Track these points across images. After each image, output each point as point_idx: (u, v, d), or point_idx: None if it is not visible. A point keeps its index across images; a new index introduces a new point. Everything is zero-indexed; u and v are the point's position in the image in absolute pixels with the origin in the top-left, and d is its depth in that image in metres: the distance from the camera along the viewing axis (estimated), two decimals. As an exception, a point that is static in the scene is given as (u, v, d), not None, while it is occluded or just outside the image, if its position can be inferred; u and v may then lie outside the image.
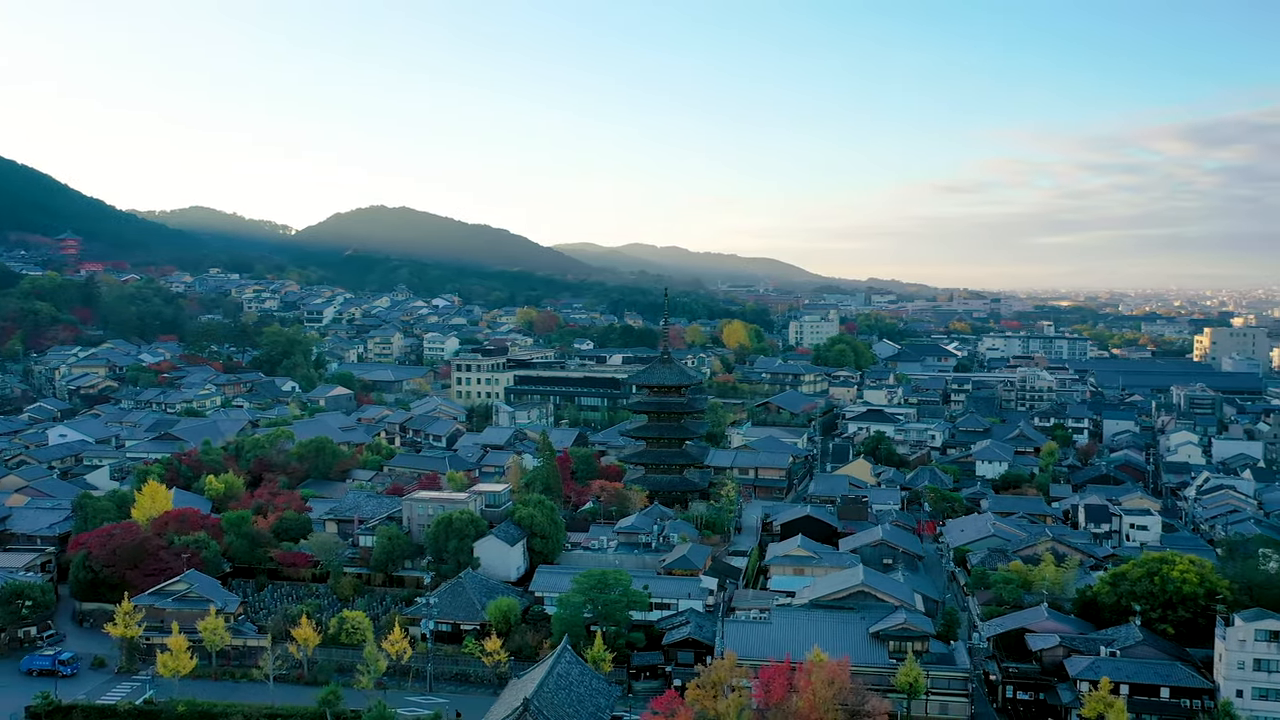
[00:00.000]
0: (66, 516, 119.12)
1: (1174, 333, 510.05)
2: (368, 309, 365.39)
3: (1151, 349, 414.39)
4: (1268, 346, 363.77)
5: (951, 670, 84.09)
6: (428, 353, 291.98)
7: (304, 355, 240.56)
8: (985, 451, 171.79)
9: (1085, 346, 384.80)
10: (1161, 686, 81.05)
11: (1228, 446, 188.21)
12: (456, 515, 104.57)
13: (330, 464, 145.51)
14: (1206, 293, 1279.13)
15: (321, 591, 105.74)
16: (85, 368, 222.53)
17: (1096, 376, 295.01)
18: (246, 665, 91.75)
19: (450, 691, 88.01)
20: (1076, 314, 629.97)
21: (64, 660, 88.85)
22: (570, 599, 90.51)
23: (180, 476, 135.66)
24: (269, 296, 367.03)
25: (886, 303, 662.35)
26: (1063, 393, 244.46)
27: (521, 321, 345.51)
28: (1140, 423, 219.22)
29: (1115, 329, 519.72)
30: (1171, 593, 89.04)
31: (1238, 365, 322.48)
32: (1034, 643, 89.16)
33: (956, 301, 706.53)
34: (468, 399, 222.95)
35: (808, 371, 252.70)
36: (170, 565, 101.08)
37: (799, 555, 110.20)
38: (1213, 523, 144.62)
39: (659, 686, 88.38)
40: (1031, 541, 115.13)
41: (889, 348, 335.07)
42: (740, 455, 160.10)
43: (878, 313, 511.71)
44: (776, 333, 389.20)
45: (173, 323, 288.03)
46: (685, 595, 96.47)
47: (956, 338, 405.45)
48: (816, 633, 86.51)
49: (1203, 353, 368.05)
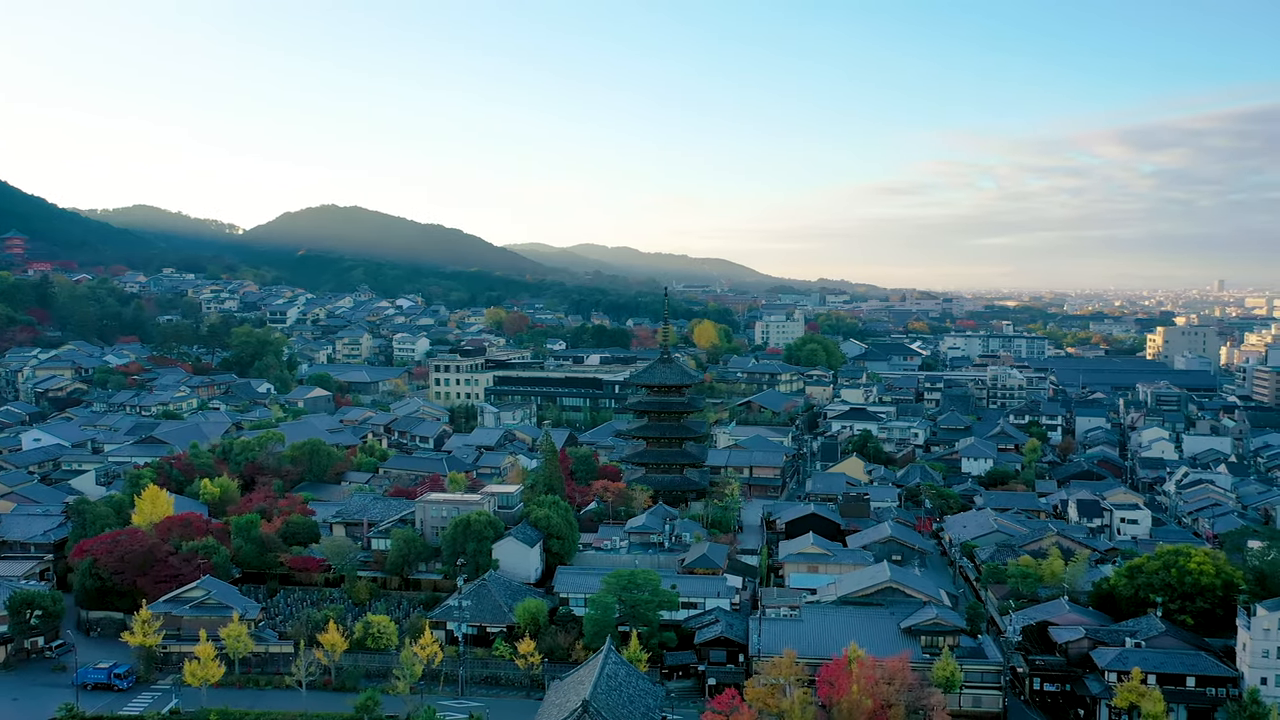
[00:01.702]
0: (60, 523, 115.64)
1: (1122, 331, 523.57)
2: (331, 309, 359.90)
3: (1105, 347, 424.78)
4: (1218, 345, 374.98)
5: (985, 664, 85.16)
6: (398, 353, 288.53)
7: (275, 356, 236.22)
8: (970, 449, 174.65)
9: (1043, 345, 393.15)
10: (1187, 676, 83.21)
11: (1198, 442, 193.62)
12: (475, 517, 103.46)
13: (325, 467, 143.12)
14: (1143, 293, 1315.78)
15: (336, 596, 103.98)
16: (50, 370, 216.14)
17: (1057, 375, 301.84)
18: (269, 672, 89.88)
19: (482, 695, 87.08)
20: (1026, 314, 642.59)
21: (120, 674, 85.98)
22: (601, 599, 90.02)
23: (172, 481, 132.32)
24: (228, 297, 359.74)
25: (841, 303, 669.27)
26: (1031, 391, 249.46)
27: (490, 322, 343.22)
28: (1109, 419, 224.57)
29: (1065, 328, 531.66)
30: (1190, 584, 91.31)
31: (1190, 363, 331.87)
32: (1058, 635, 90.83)
33: (909, 301, 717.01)
34: (447, 400, 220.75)
35: (784, 371, 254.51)
36: (181, 571, 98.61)
37: (813, 553, 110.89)
38: (1195, 516, 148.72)
39: (693, 686, 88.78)
40: (1037, 536, 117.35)
41: (856, 347, 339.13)
42: (734, 454, 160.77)
43: (836, 313, 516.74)
44: (742, 332, 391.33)
45: (133, 324, 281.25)
46: (714, 594, 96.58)
47: (917, 337, 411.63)
48: (848, 629, 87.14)
49: (1156, 351, 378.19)
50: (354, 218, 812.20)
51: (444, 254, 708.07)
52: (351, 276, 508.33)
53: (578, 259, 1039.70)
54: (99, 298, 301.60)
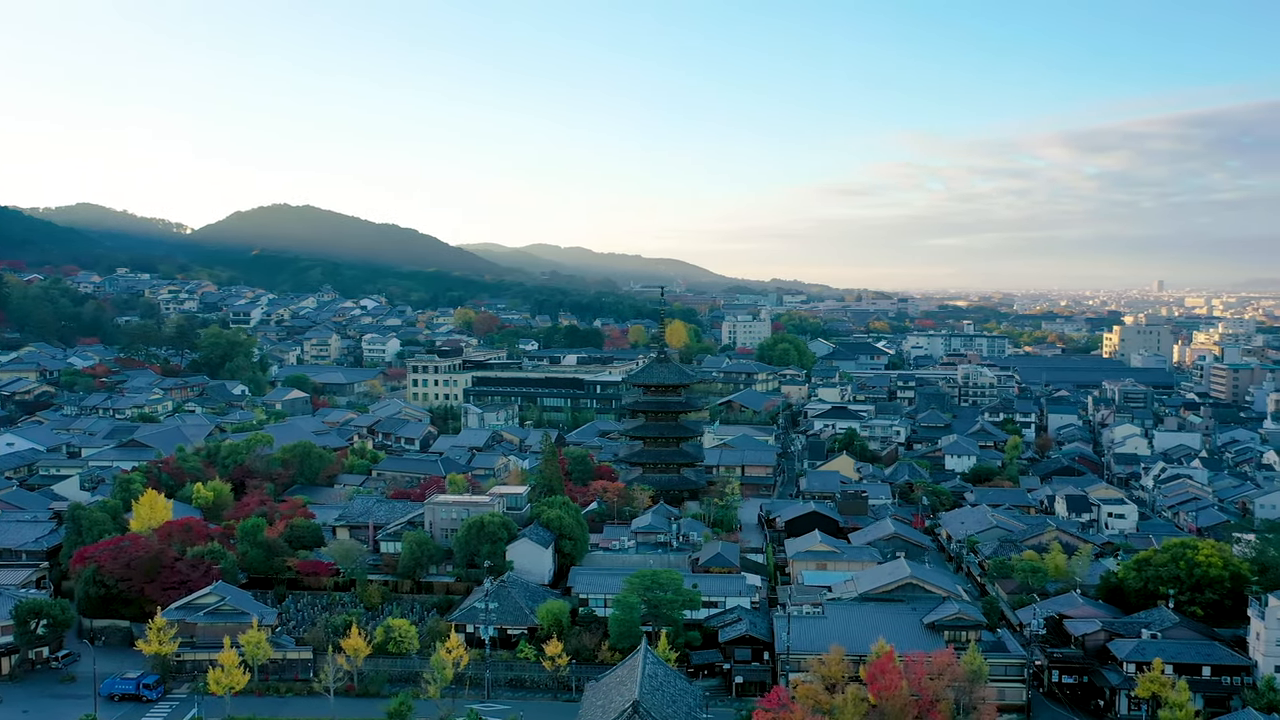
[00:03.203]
0: (52, 529, 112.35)
1: (1074, 330, 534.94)
2: (295, 310, 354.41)
3: (1061, 346, 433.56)
4: (1171, 343, 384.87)
5: (1008, 657, 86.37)
6: (368, 354, 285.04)
7: (246, 358, 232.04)
8: (953, 446, 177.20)
9: (1003, 344, 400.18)
10: (1203, 665, 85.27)
11: (1168, 438, 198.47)
12: (488, 519, 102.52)
13: (316, 469, 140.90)
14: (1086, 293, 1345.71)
15: (346, 600, 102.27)
16: (13, 372, 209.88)
17: (1020, 373, 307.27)
18: (287, 679, 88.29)
19: (508, 697, 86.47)
20: (980, 313, 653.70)
21: (149, 684, 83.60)
22: (626, 599, 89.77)
23: (162, 485, 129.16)
24: (187, 297, 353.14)
25: (799, 303, 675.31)
26: (1001, 389, 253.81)
27: (459, 322, 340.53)
28: (1080, 416, 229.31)
29: (1020, 327, 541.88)
30: (1199, 576, 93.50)
31: (1147, 361, 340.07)
32: (1074, 628, 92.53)
33: (865, 301, 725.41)
34: (425, 401, 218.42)
35: (760, 370, 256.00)
36: (189, 578, 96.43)
37: (821, 550, 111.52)
38: (1176, 510, 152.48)
39: (719, 685, 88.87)
40: (1037, 532, 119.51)
41: (824, 346, 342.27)
42: (725, 454, 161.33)
43: (797, 312, 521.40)
44: (709, 332, 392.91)
45: (93, 325, 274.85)
46: (734, 592, 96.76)
47: (881, 337, 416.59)
48: (873, 625, 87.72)
49: (1112, 349, 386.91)
50: (307, 217, 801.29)
51: (400, 254, 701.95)
52: (309, 277, 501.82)
53: (532, 259, 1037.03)
54: (53, 298, 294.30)
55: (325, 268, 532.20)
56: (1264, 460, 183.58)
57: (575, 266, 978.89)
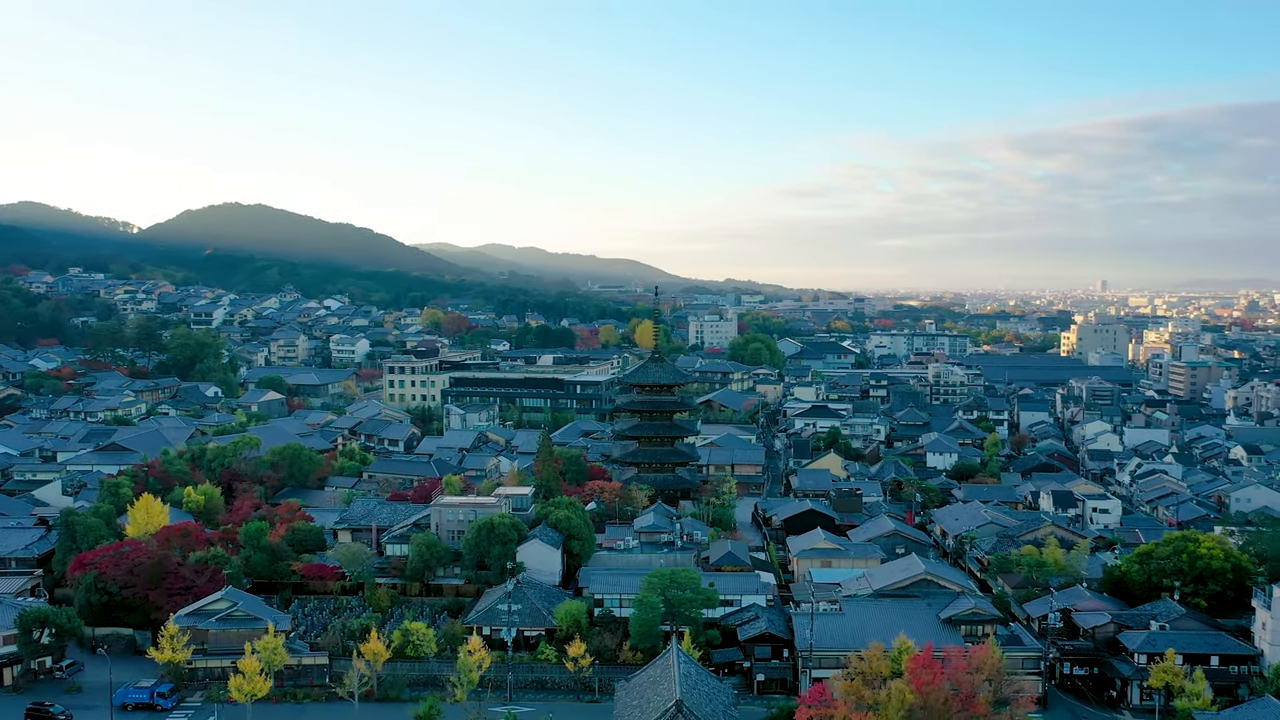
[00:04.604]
0: (41, 536, 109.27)
1: (1028, 329, 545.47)
2: (259, 310, 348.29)
3: (1019, 345, 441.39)
4: (1126, 341, 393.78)
5: (1023, 650, 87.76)
6: (336, 355, 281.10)
7: (215, 359, 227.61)
8: (935, 444, 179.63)
9: (964, 343, 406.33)
10: (1211, 655, 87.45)
11: (1138, 434, 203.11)
12: (498, 520, 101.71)
13: (307, 472, 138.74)
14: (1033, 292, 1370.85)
15: (355, 604, 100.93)
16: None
17: (984, 371, 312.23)
18: (302, 685, 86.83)
19: (531, 699, 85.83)
20: (934, 312, 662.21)
21: (163, 693, 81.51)
22: (646, 599, 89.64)
23: (149, 489, 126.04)
24: (144, 298, 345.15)
25: (757, 302, 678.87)
26: (971, 387, 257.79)
27: (428, 323, 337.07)
28: (1050, 414, 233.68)
29: (975, 326, 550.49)
30: (1202, 568, 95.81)
31: (1105, 359, 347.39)
32: (1083, 620, 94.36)
33: (823, 301, 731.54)
34: (402, 402, 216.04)
35: (735, 369, 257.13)
36: (194, 583, 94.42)
37: (825, 548, 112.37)
38: (1154, 505, 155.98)
39: (739, 683, 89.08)
40: (1032, 527, 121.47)
41: (791, 346, 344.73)
42: (714, 454, 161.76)
43: (759, 312, 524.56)
44: (675, 332, 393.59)
45: (50, 326, 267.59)
46: (750, 591, 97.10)
47: (845, 336, 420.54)
48: (891, 621, 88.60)
49: (1070, 348, 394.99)
50: (260, 216, 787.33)
51: (356, 254, 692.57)
52: (266, 277, 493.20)
53: (487, 259, 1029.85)
54: (4, 298, 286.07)
55: (283, 268, 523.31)
56: (1231, 455, 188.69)
57: (532, 267, 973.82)
